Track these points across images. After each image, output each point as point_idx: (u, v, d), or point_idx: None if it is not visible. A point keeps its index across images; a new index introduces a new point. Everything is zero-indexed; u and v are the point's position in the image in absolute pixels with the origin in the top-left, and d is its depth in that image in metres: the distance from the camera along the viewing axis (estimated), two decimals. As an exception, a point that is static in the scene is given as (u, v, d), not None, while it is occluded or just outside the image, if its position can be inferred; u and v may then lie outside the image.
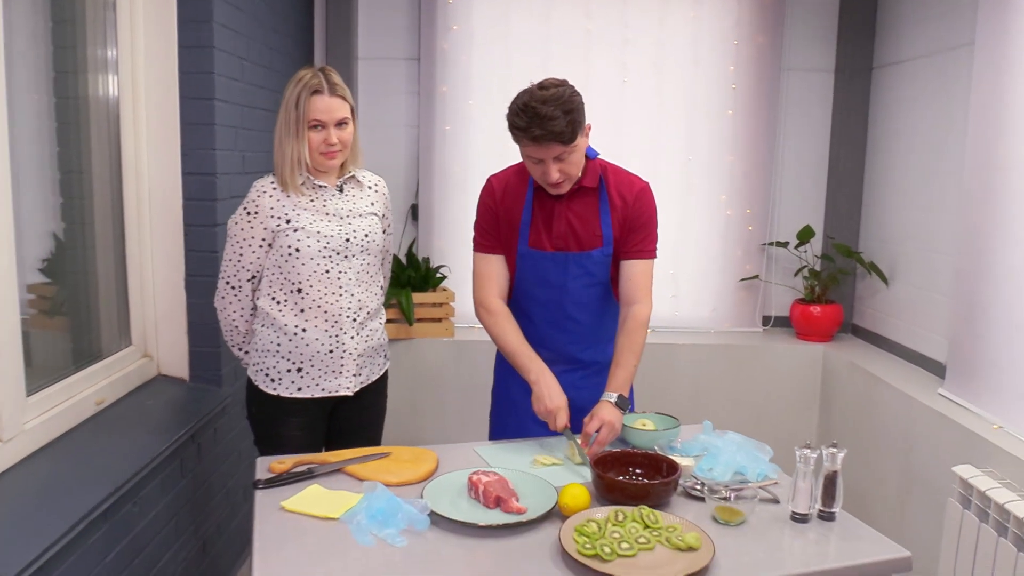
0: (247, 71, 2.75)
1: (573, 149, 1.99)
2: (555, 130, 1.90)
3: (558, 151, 1.96)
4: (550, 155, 1.96)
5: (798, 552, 1.60)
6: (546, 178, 2.00)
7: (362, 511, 1.61)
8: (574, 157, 2.01)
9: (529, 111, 1.91)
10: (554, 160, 1.97)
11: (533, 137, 1.92)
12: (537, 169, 2.01)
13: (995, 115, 2.54)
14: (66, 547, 1.67)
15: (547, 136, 1.91)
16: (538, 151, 1.96)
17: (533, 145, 1.95)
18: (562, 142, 1.93)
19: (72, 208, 2.28)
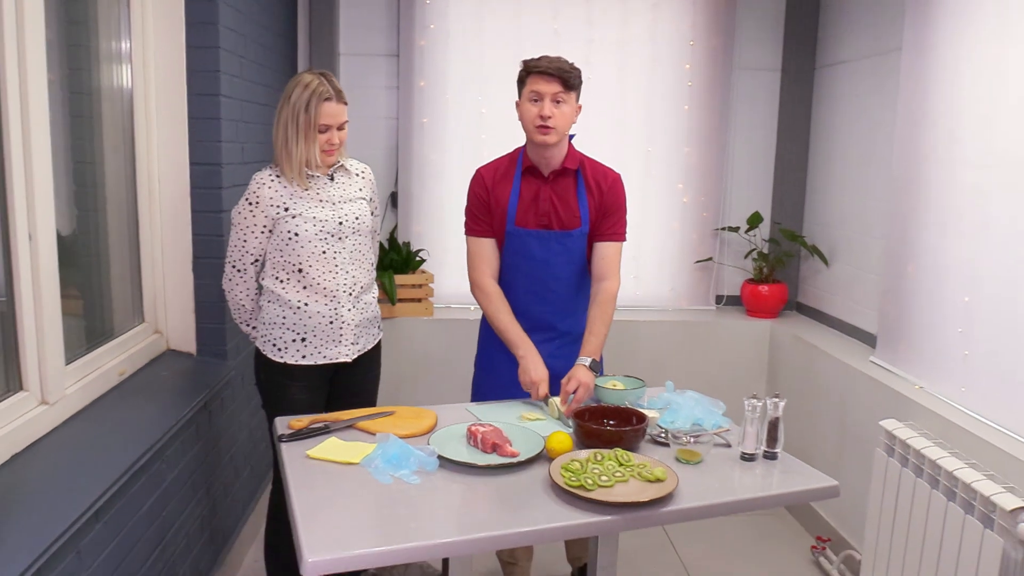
0: (246, 68, 2.96)
1: (568, 99, 2.32)
2: (562, 68, 2.28)
3: (557, 90, 2.28)
4: (550, 91, 2.28)
5: (747, 483, 1.91)
6: (542, 111, 2.29)
7: (379, 456, 1.87)
8: (566, 108, 2.32)
9: (542, 56, 2.31)
10: (551, 100, 2.28)
11: (542, 70, 2.27)
12: (534, 108, 2.31)
13: (918, 113, 2.88)
14: (115, 495, 1.90)
15: (553, 70, 2.27)
16: (541, 84, 2.28)
17: (540, 77, 2.28)
18: (563, 81, 2.28)
19: (86, 196, 2.48)
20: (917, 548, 2.39)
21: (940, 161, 2.75)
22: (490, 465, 1.88)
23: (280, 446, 2.00)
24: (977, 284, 2.52)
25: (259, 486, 3.33)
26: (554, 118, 2.29)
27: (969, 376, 2.55)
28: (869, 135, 3.40)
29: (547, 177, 2.42)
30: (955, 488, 2.24)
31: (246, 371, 3.06)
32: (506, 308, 2.43)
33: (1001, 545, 2.04)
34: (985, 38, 2.52)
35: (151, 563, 2.15)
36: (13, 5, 1.83)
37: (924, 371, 2.80)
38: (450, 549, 1.60)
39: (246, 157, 2.99)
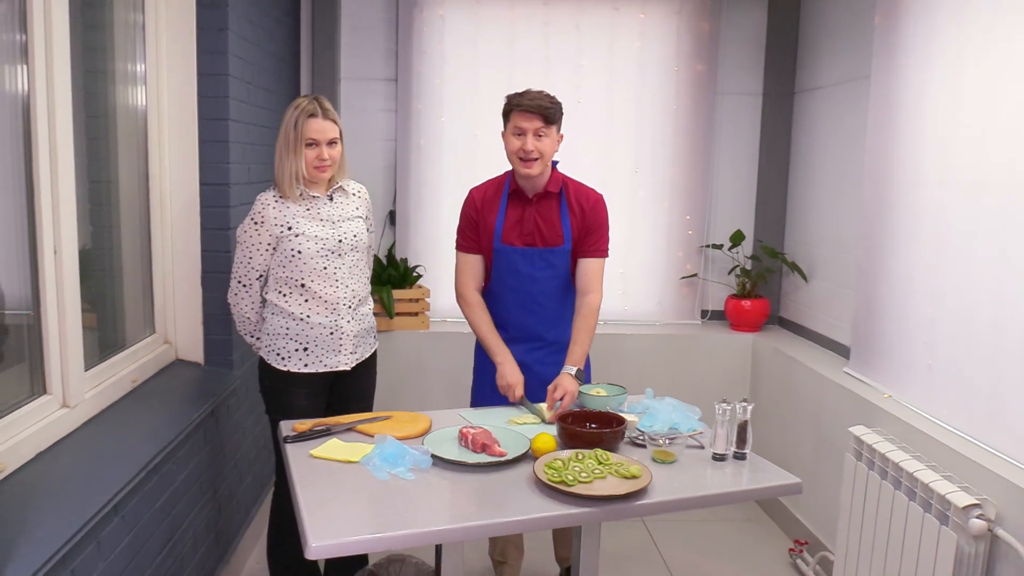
0: (253, 94, 3.13)
1: (549, 132, 2.50)
2: (542, 104, 2.45)
3: (538, 126, 2.46)
4: (532, 127, 2.46)
5: (717, 480, 2.07)
6: (524, 148, 2.47)
7: (376, 455, 2.03)
8: (548, 141, 2.50)
9: (524, 92, 2.49)
10: (534, 134, 2.46)
11: (523, 107, 2.45)
12: (517, 143, 2.49)
13: (885, 137, 3.06)
14: (131, 491, 2.05)
15: (534, 107, 2.44)
16: (524, 120, 2.46)
17: (521, 114, 2.46)
18: (544, 117, 2.45)
19: (101, 213, 2.64)
20: (883, 546, 2.54)
21: (904, 182, 2.92)
22: (479, 463, 2.03)
23: (285, 447, 2.15)
24: (938, 298, 2.69)
25: (262, 491, 3.47)
26: (536, 151, 2.48)
27: (933, 385, 2.71)
28: (844, 157, 3.58)
29: (532, 199, 2.59)
30: (915, 488, 2.40)
31: (251, 380, 3.21)
32: (486, 317, 2.61)
33: (955, 540, 2.19)
34: (943, 66, 2.70)
35: (162, 558, 2.30)
36: (43, 37, 2.00)
37: (892, 381, 2.96)
38: (442, 536, 1.76)
39: (252, 177, 3.15)
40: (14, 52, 1.98)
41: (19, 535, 1.63)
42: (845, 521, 2.78)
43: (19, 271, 2.04)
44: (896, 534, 2.47)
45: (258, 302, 2.59)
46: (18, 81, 1.99)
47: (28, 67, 1.99)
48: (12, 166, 1.99)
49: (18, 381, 2.05)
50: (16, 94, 1.99)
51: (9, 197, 1.99)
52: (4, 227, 1.99)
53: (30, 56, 1.99)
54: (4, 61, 1.96)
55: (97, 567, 1.87)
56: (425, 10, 4.00)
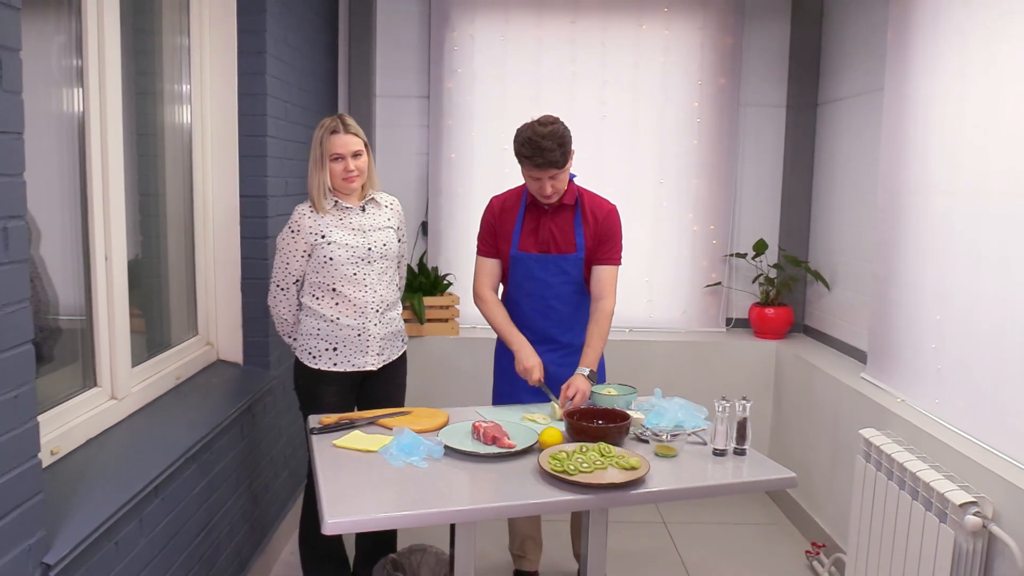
0: (290, 112, 3.34)
1: (562, 172, 2.64)
2: (552, 159, 2.57)
3: (553, 173, 2.60)
4: (546, 176, 2.61)
5: (717, 474, 2.17)
6: (541, 191, 2.64)
7: (393, 445, 2.18)
8: (563, 175, 2.66)
9: (533, 144, 2.57)
10: (549, 179, 2.61)
11: (536, 164, 2.58)
12: (535, 185, 2.65)
13: (898, 147, 3.13)
14: (171, 475, 2.23)
15: (546, 164, 2.57)
16: (537, 173, 2.61)
17: (535, 169, 2.60)
18: (557, 167, 2.59)
19: (149, 224, 2.86)
20: (889, 544, 2.60)
21: (915, 190, 2.99)
22: (489, 454, 2.17)
23: (311, 438, 2.32)
24: (947, 302, 2.75)
25: (297, 487, 3.65)
26: (554, 189, 2.65)
27: (942, 389, 2.76)
28: (864, 167, 3.64)
29: (548, 210, 2.74)
30: (917, 487, 2.46)
31: (287, 381, 3.39)
32: (502, 311, 2.76)
33: (953, 536, 2.25)
34: (949, 76, 2.77)
35: (199, 541, 2.48)
36: (96, 62, 2.22)
37: (905, 385, 3.01)
38: (452, 517, 1.91)
39: (288, 190, 3.35)
40: (71, 76, 2.19)
41: (69, 510, 1.82)
42: (856, 521, 2.84)
43: (75, 279, 2.25)
44: (900, 532, 2.53)
45: (294, 305, 2.78)
46: (75, 102, 2.21)
47: (83, 89, 2.21)
48: (69, 181, 2.20)
49: (72, 375, 2.26)
50: (72, 114, 2.20)
51: (66, 210, 2.20)
52: (61, 238, 2.20)
53: (85, 79, 2.20)
54: (62, 84, 2.18)
55: (139, 542, 2.05)
56: (456, 30, 4.18)
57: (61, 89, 2.19)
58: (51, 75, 2.17)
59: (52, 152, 2.16)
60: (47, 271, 2.11)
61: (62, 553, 1.67)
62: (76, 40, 2.20)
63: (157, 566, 2.17)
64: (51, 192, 2.16)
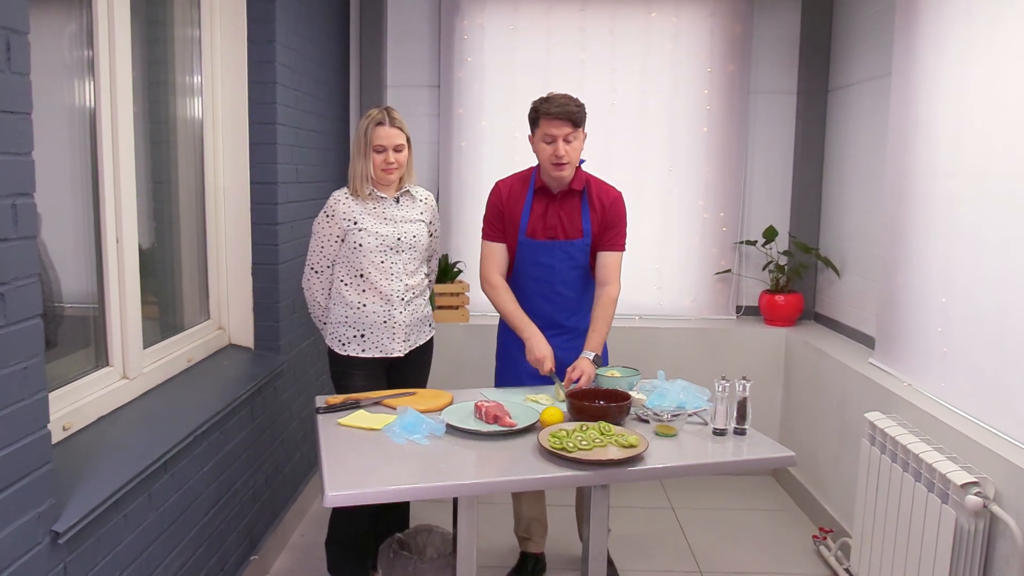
0: (300, 100, 3.38)
1: (578, 135, 2.65)
2: (570, 111, 2.59)
3: (568, 131, 2.61)
4: (561, 133, 2.61)
5: (716, 452, 2.19)
6: (556, 152, 2.62)
7: (396, 424, 2.22)
8: (576, 144, 2.66)
9: (550, 97, 2.63)
10: (563, 140, 2.61)
11: (552, 114, 2.58)
12: (548, 149, 2.65)
13: (905, 131, 3.12)
14: (179, 452, 2.29)
15: (562, 114, 2.58)
16: (553, 127, 2.61)
17: (551, 121, 2.60)
18: (573, 123, 2.59)
19: (162, 211, 2.91)
20: (893, 527, 2.61)
21: (921, 174, 2.98)
22: (491, 432, 2.20)
23: (317, 417, 2.36)
24: (952, 285, 2.74)
25: (309, 471, 3.70)
26: (567, 155, 2.63)
27: (947, 372, 2.76)
28: (874, 153, 3.63)
29: (556, 195, 2.76)
30: (920, 469, 2.46)
31: (297, 365, 3.45)
32: (511, 297, 2.77)
33: (954, 517, 2.26)
34: (954, 60, 2.76)
35: (209, 518, 2.53)
36: (107, 52, 2.27)
37: (912, 369, 3.01)
38: (455, 490, 1.94)
39: (300, 177, 3.40)
40: (82, 64, 2.24)
41: (79, 481, 1.87)
42: (861, 504, 2.85)
43: (87, 262, 2.31)
44: (904, 514, 2.53)
45: (327, 288, 2.86)
46: (86, 90, 2.26)
47: (94, 77, 2.26)
48: (80, 167, 2.25)
49: (85, 356, 2.32)
50: (84, 100, 2.26)
51: (78, 195, 2.26)
52: (74, 225, 2.26)
53: (96, 68, 2.25)
54: (74, 71, 2.23)
55: (148, 516, 2.11)
56: (466, 19, 4.21)
57: (73, 76, 2.24)
58: (63, 63, 2.22)
59: (64, 139, 2.21)
60: (49, 255, 2.16)
61: (71, 522, 1.72)
62: (87, 29, 2.25)
63: (166, 540, 2.23)
64: (63, 178, 2.22)
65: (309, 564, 3.15)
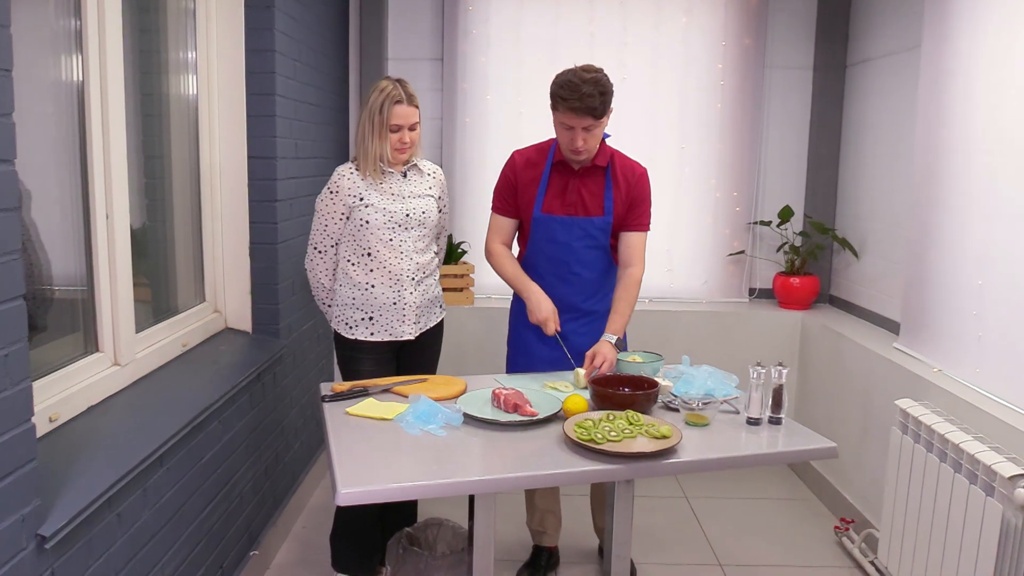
0: (299, 71, 3.21)
1: (599, 124, 2.46)
2: (590, 105, 2.39)
3: (588, 123, 2.43)
4: (580, 124, 2.43)
5: (751, 444, 2.05)
6: (572, 144, 2.46)
7: (410, 413, 2.07)
8: (597, 131, 2.48)
9: (572, 87, 2.39)
10: (582, 129, 2.43)
11: (572, 108, 2.39)
12: (566, 136, 2.47)
13: (936, 105, 2.97)
14: (175, 444, 2.13)
15: (583, 109, 2.39)
16: (572, 120, 2.42)
17: (570, 114, 2.41)
18: (594, 116, 2.41)
19: (155, 187, 2.74)
20: (928, 520, 2.48)
21: (955, 150, 2.83)
22: (511, 422, 2.05)
23: (324, 405, 2.21)
24: (990, 267, 2.61)
25: (311, 459, 3.56)
26: (586, 144, 2.47)
27: (983, 357, 2.63)
28: (897, 129, 3.48)
29: (577, 170, 2.60)
30: (960, 460, 2.33)
31: (297, 349, 3.30)
32: (512, 261, 2.65)
33: (1001, 511, 2.13)
34: (994, 30, 2.61)
35: (207, 513, 2.38)
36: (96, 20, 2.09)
37: (942, 354, 2.88)
38: (471, 487, 1.80)
39: (299, 152, 3.23)
40: (69, 33, 2.07)
41: (67, 479, 1.72)
42: (891, 496, 2.72)
43: (75, 242, 2.14)
44: (941, 507, 2.41)
45: (332, 269, 2.70)
46: (73, 60, 2.09)
47: (83, 48, 2.08)
48: (68, 140, 2.08)
49: (73, 341, 2.16)
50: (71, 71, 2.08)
51: (64, 170, 2.09)
52: (60, 201, 2.09)
53: (84, 38, 2.08)
54: (60, 41, 2.05)
55: (143, 514, 1.96)
56: (470, -11, 4.03)
57: (60, 46, 2.06)
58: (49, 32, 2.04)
59: (50, 111, 2.04)
60: (39, 236, 1.99)
61: (59, 524, 1.57)
62: (75, 0, 2.08)
63: (162, 539, 2.08)
64: (49, 151, 2.05)
65: (312, 557, 3.01)
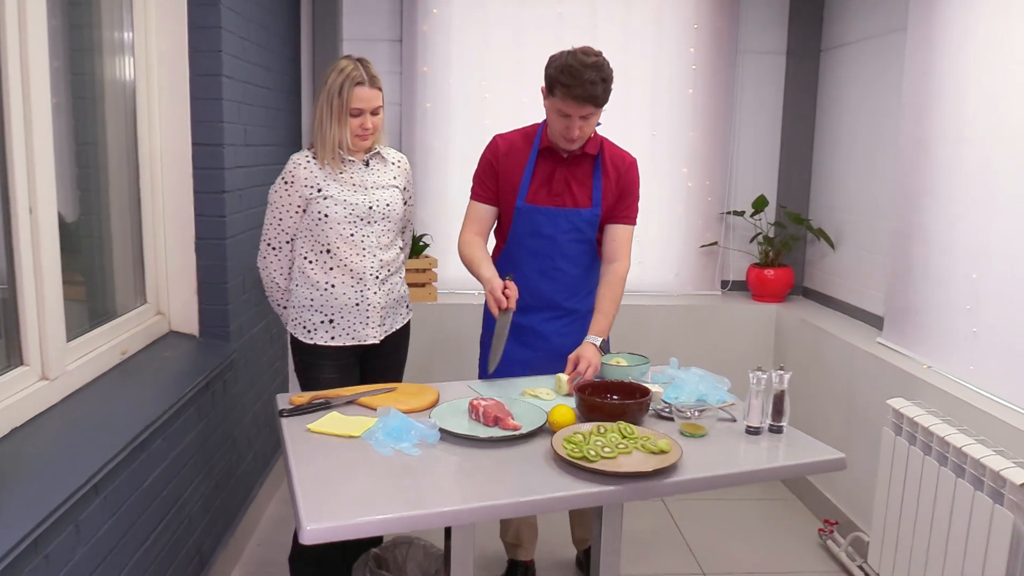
0: (248, 51, 2.95)
1: (596, 113, 2.27)
2: (593, 93, 2.19)
3: (588, 111, 2.23)
4: (579, 113, 2.24)
5: (752, 456, 1.89)
6: (568, 133, 2.27)
7: (379, 429, 1.86)
8: (594, 119, 2.30)
9: (573, 73, 2.18)
10: (580, 118, 2.24)
11: (573, 96, 2.19)
12: (561, 123, 2.28)
13: (924, 92, 2.85)
14: (114, 470, 1.89)
15: (584, 97, 2.19)
16: (571, 108, 2.23)
17: (570, 102, 2.21)
18: (595, 104, 2.22)
19: (88, 177, 2.47)
20: (926, 526, 2.37)
21: (946, 139, 2.72)
22: (492, 438, 1.86)
23: (281, 421, 1.98)
24: (985, 260, 2.50)
25: (264, 470, 3.32)
26: (582, 132, 2.29)
27: (977, 354, 2.52)
28: (876, 117, 3.37)
29: (565, 157, 2.41)
30: (964, 464, 2.22)
31: (250, 353, 3.05)
32: (481, 246, 2.44)
33: (1012, 520, 2.01)
34: (990, 12, 2.49)
35: (152, 541, 2.14)
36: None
37: (932, 350, 2.77)
38: (452, 518, 1.59)
39: (249, 139, 2.98)
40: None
41: (-15, 517, 1.48)
42: (883, 499, 2.60)
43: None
44: (942, 514, 2.29)
45: (287, 267, 2.47)
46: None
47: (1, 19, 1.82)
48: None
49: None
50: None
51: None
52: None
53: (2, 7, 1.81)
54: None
55: (75, 553, 1.72)
56: (431, -34, 3.79)
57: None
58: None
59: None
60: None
61: (-29, 577, 1.33)
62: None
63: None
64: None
65: (268, 578, 2.79)
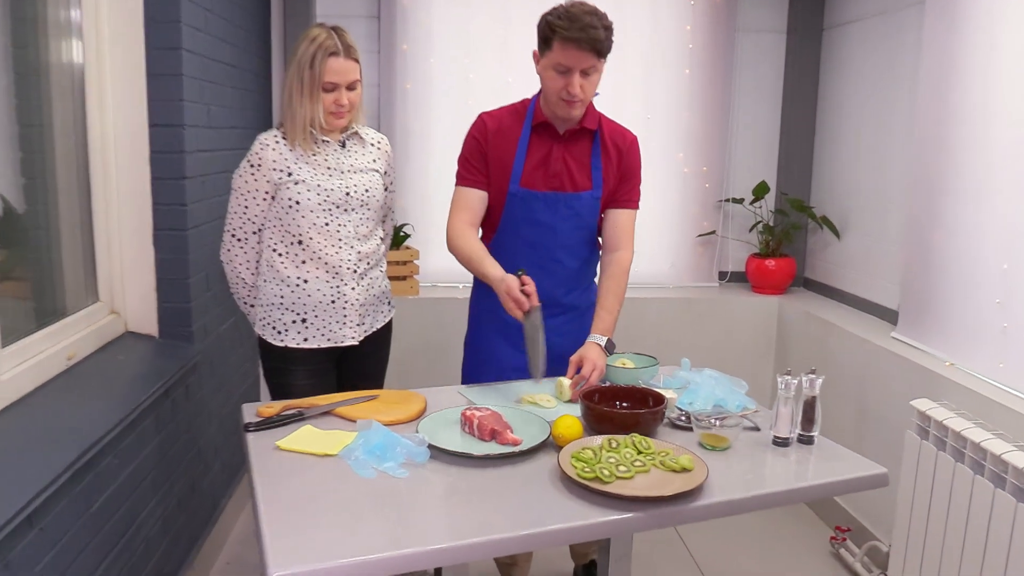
0: (211, 22, 2.68)
1: (599, 68, 2.05)
2: (594, 37, 1.97)
3: (589, 63, 2.01)
4: (580, 65, 2.01)
5: (781, 472, 1.68)
6: (570, 88, 2.03)
7: (359, 447, 1.63)
8: (594, 78, 2.07)
9: (572, 17, 1.96)
10: (580, 73, 2.02)
11: (572, 39, 1.96)
12: (559, 82, 2.04)
13: (945, 69, 2.65)
14: (53, 495, 1.64)
15: (585, 41, 1.96)
16: (570, 58, 1.99)
17: (571, 49, 1.98)
18: (597, 52, 1.99)
19: (34, 163, 2.21)
20: (958, 538, 2.17)
21: (971, 120, 2.52)
22: (489, 455, 1.63)
23: (247, 437, 1.74)
24: (1017, 249, 2.30)
25: (232, 480, 3.07)
26: (583, 91, 2.04)
27: (1008, 350, 2.33)
28: (884, 98, 3.17)
29: (563, 135, 2.17)
30: (1004, 473, 2.02)
31: (215, 355, 2.80)
32: (476, 239, 2.17)
33: (1062, 536, 1.82)
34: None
35: (101, 573, 1.89)
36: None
37: (955, 346, 2.58)
38: (444, 557, 1.35)
39: (212, 121, 2.71)
40: None
41: None
42: (907, 507, 2.41)
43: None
44: (978, 525, 2.10)
45: (254, 261, 2.23)
46: None
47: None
48: None
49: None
50: None
51: None
52: None
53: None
54: None
55: (4, 596, 1.47)
56: (410, -64, 3.54)
57: None
58: None
59: None
60: None
61: None
62: None
63: (37, 620, 1.59)
64: None
65: (238, 601, 2.55)
